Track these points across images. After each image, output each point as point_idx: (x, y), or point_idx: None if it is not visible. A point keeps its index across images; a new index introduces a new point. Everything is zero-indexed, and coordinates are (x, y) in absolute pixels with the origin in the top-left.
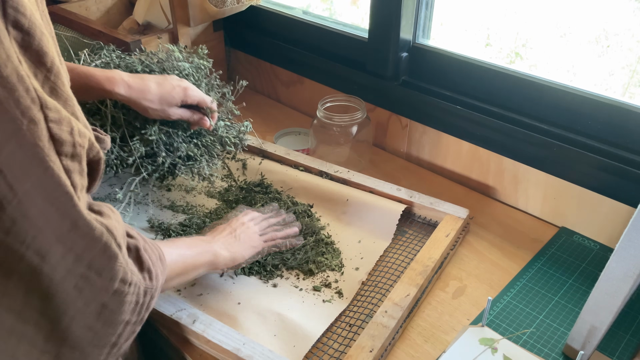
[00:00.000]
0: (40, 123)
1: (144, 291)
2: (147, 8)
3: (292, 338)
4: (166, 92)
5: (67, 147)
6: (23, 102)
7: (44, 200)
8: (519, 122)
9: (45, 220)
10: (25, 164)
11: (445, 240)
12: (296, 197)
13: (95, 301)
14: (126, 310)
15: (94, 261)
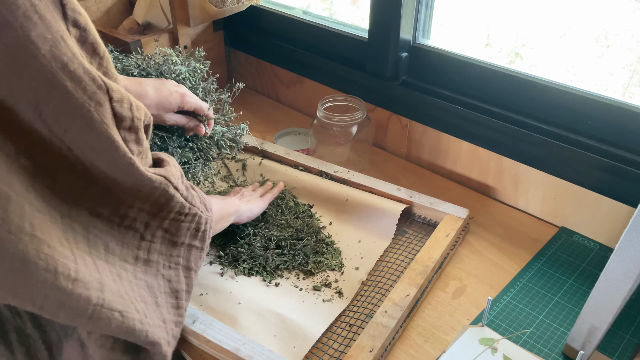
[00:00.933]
0: (105, 104)
1: (205, 220)
2: (147, 8)
3: (292, 338)
4: (163, 98)
5: (126, 122)
6: (89, 89)
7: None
8: (519, 122)
9: (113, 179)
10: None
11: (445, 240)
12: (297, 197)
13: (160, 228)
14: (184, 234)
15: (155, 201)
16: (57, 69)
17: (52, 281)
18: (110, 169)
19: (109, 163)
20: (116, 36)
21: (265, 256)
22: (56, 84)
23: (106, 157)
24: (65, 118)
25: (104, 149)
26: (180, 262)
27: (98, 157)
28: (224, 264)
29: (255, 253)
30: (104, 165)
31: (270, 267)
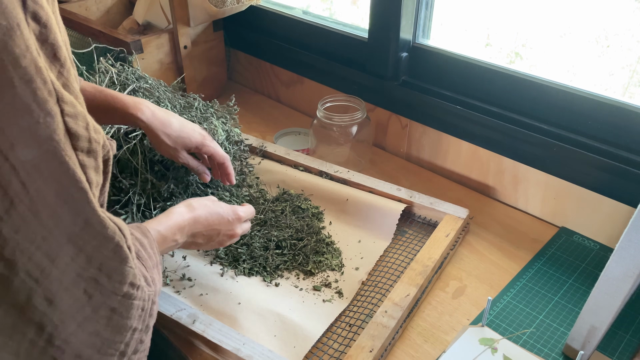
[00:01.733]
0: (56, 116)
1: (147, 296)
2: (147, 8)
3: (292, 338)
4: (185, 134)
5: (83, 142)
6: (40, 94)
7: (57, 197)
8: (519, 122)
9: (57, 220)
10: (40, 158)
11: (445, 240)
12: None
13: (105, 306)
14: (134, 315)
15: (105, 263)
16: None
17: None
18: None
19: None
20: (116, 36)
21: (265, 256)
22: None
23: (54, 185)
24: (12, 128)
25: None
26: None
27: (45, 184)
28: (224, 264)
29: (255, 253)
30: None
31: (270, 267)
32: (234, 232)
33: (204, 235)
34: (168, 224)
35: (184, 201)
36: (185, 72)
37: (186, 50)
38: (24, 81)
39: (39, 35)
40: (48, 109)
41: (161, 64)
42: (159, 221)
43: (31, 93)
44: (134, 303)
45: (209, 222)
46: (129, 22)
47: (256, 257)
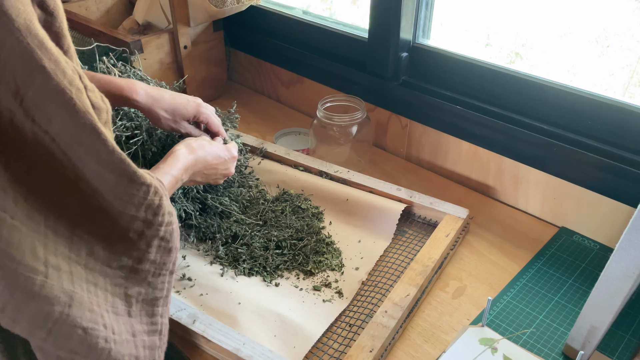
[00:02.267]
0: (84, 92)
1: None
2: (147, 8)
3: (292, 338)
4: (180, 104)
5: (103, 114)
6: (68, 72)
7: (99, 164)
8: (519, 122)
9: (102, 181)
10: (78, 132)
11: (445, 240)
12: (309, 199)
13: (155, 237)
14: (176, 237)
15: (150, 205)
16: (34, 46)
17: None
18: (101, 167)
19: (98, 160)
20: (116, 36)
21: (265, 256)
22: (34, 64)
23: (95, 154)
24: (49, 105)
25: (92, 144)
26: (170, 267)
27: (86, 153)
28: (224, 264)
29: (255, 253)
30: (94, 163)
31: (270, 267)
32: (229, 171)
33: (203, 174)
34: (177, 167)
35: (183, 141)
36: (185, 72)
37: (186, 50)
38: (52, 61)
39: (44, 22)
40: (77, 85)
41: (161, 64)
42: (169, 165)
43: (61, 72)
44: (174, 228)
45: (208, 162)
46: (129, 22)
47: (256, 257)
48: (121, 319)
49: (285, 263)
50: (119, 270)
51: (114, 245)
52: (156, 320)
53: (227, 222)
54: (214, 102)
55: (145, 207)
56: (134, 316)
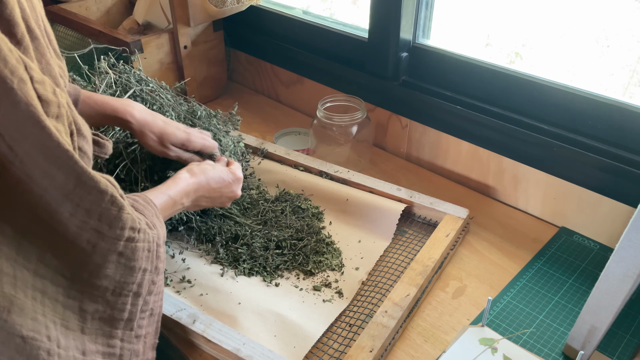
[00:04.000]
0: (28, 83)
1: (152, 238)
2: (147, 8)
3: (292, 338)
4: (169, 131)
5: (53, 107)
6: (10, 60)
7: (45, 160)
8: (519, 122)
9: (51, 180)
10: (21, 124)
11: (445, 240)
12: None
13: (111, 252)
14: (141, 257)
15: (103, 213)
16: None
17: None
18: (47, 162)
19: (44, 154)
20: (116, 36)
21: (265, 256)
22: None
23: (40, 148)
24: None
25: (36, 137)
26: (133, 289)
27: (32, 147)
28: (224, 264)
29: (255, 253)
30: (40, 158)
31: (270, 267)
32: (234, 193)
33: (207, 198)
34: (177, 189)
35: (185, 167)
36: (185, 72)
37: (186, 50)
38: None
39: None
40: (20, 75)
41: (161, 64)
42: (167, 186)
43: (2, 60)
44: (138, 245)
45: (211, 186)
46: (129, 22)
47: (256, 257)
48: (72, 334)
49: (286, 263)
50: (74, 282)
51: (66, 253)
52: (114, 344)
53: (228, 224)
54: (214, 102)
55: (97, 215)
56: (88, 334)
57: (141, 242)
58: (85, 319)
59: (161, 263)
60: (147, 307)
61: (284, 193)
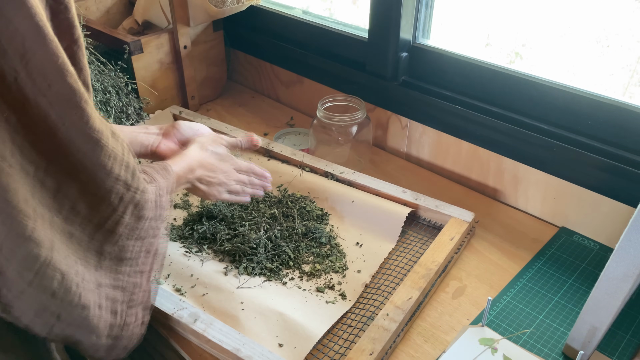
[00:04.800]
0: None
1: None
2: (147, 8)
3: (293, 339)
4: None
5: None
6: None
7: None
8: (519, 122)
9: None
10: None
11: (449, 244)
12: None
13: (131, 203)
14: (149, 207)
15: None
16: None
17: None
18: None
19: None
20: (116, 36)
21: (268, 256)
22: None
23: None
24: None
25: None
26: (138, 233)
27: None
28: (227, 264)
29: (259, 254)
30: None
31: (273, 268)
32: (227, 174)
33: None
34: (182, 165)
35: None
36: (185, 72)
37: (186, 50)
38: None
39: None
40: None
41: (161, 64)
42: (174, 161)
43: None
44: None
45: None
46: (129, 22)
47: (260, 257)
48: (90, 270)
49: (289, 264)
50: (98, 229)
51: (97, 205)
52: (119, 278)
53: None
54: (213, 102)
55: (125, 166)
56: (102, 269)
57: (150, 195)
58: (101, 259)
59: (161, 211)
60: (151, 248)
61: (289, 194)
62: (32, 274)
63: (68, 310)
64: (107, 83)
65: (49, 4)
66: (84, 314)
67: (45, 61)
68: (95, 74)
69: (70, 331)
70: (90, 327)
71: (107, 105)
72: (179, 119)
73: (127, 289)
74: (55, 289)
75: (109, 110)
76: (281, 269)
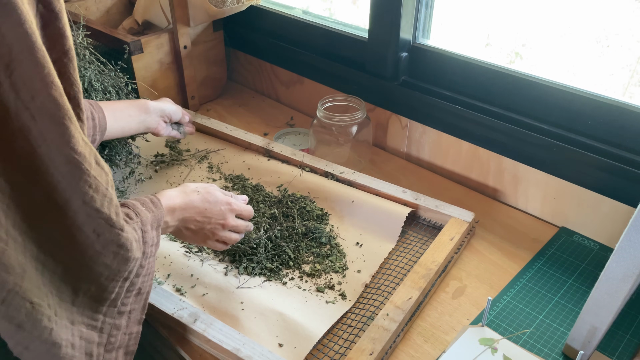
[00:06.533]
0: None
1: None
2: (147, 8)
3: (293, 339)
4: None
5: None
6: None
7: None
8: (519, 122)
9: (62, 175)
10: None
11: (449, 244)
12: (314, 201)
13: (113, 243)
14: (134, 248)
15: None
16: (30, 31)
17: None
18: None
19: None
20: (116, 36)
21: (268, 256)
22: (29, 44)
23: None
24: (34, 84)
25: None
26: (124, 275)
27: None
28: (227, 264)
29: (259, 254)
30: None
31: (273, 268)
32: (225, 222)
33: (196, 222)
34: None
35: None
36: (185, 72)
37: (186, 50)
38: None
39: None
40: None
41: (161, 64)
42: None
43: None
44: (129, 237)
45: (200, 210)
46: (129, 22)
47: (260, 257)
48: (64, 305)
49: (289, 264)
50: (74, 262)
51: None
52: (97, 317)
53: None
54: (214, 102)
55: (107, 200)
56: (77, 306)
57: (131, 233)
58: (77, 295)
59: (148, 247)
60: (133, 287)
61: (289, 194)
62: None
63: (36, 344)
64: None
65: (39, 12)
66: (53, 350)
67: (31, 71)
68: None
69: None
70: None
71: None
72: None
73: (104, 330)
74: (23, 321)
75: None
76: (281, 269)
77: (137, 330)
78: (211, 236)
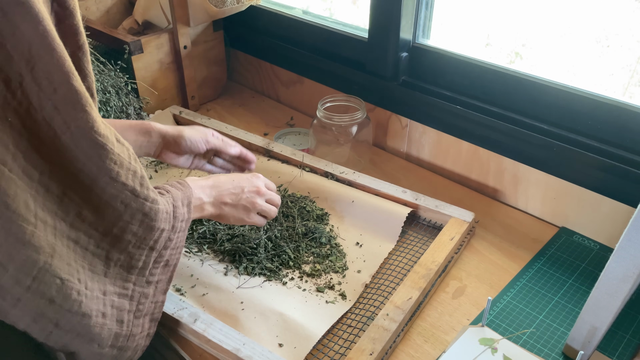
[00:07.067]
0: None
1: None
2: (147, 8)
3: (293, 339)
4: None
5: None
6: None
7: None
8: (519, 122)
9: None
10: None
11: (449, 244)
12: (314, 201)
13: (138, 211)
14: (161, 218)
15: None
16: (49, 28)
17: (5, 237)
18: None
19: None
20: (116, 36)
21: (268, 256)
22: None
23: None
24: (55, 78)
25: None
26: (150, 244)
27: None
28: (227, 264)
29: (259, 253)
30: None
31: (273, 268)
32: (259, 188)
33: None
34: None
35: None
36: (185, 72)
37: (186, 50)
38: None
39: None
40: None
41: (161, 64)
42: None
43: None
44: (159, 208)
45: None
46: (129, 22)
47: (259, 257)
48: (96, 277)
49: (289, 264)
50: (105, 236)
51: (102, 211)
52: (128, 286)
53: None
54: (214, 102)
55: (132, 172)
56: (109, 277)
57: (162, 205)
58: (109, 266)
59: (178, 222)
60: (161, 259)
61: (289, 194)
62: (30, 279)
63: (67, 317)
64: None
65: (54, 10)
66: (84, 321)
67: (51, 66)
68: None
69: (68, 339)
70: (90, 336)
71: (107, 105)
72: (179, 119)
73: (134, 298)
74: (54, 296)
75: (108, 110)
76: (281, 269)
77: (163, 299)
78: (251, 207)
